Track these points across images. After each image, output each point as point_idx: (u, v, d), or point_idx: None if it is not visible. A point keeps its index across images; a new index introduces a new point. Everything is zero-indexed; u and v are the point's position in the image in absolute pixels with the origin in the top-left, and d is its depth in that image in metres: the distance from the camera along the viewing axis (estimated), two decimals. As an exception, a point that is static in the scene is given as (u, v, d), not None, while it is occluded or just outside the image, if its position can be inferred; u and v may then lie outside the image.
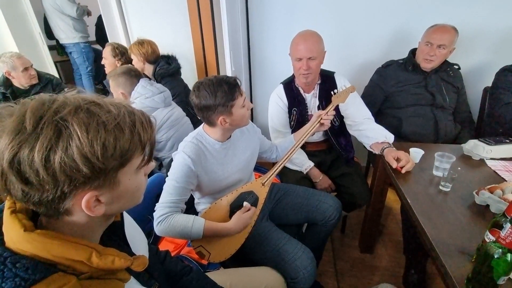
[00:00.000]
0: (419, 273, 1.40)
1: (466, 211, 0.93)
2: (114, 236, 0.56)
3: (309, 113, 1.48)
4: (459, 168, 1.14)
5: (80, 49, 3.16)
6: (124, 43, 2.49)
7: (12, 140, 0.36)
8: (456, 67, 1.66)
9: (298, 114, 1.47)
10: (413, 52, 1.66)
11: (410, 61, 1.63)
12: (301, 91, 1.46)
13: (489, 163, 1.19)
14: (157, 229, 0.93)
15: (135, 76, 1.47)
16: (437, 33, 1.49)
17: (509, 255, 0.58)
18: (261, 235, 1.08)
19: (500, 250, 0.58)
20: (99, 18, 3.32)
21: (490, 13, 1.71)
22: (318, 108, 1.45)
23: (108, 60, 1.97)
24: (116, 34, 2.48)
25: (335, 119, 1.47)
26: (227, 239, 1.01)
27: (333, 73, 1.46)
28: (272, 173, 1.12)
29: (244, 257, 1.07)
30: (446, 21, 1.53)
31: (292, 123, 1.50)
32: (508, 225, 0.57)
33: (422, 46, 1.56)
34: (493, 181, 1.05)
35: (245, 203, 1.03)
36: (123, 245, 0.57)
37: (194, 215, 0.97)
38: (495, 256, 0.59)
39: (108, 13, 2.43)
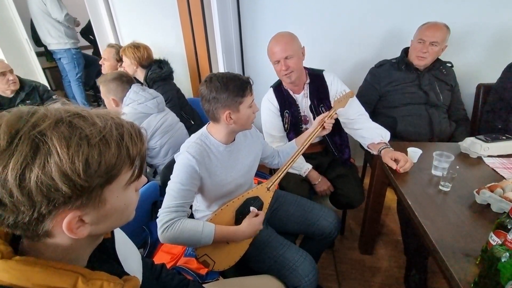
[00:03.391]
0: (420, 273, 1.39)
1: (467, 211, 0.92)
2: (104, 255, 0.52)
3: (302, 113, 1.46)
4: (457, 167, 1.13)
5: (71, 55, 3.09)
6: (114, 48, 2.45)
7: None
8: (449, 65, 1.67)
9: (290, 116, 1.45)
10: (405, 51, 1.66)
11: (403, 60, 1.63)
12: (291, 93, 1.44)
13: (487, 160, 1.19)
14: (163, 236, 0.88)
15: (126, 82, 1.43)
16: (430, 30, 1.50)
17: (516, 258, 0.56)
18: (262, 242, 1.05)
19: (508, 253, 0.57)
20: (89, 23, 3.26)
21: (480, 10, 1.73)
22: (311, 108, 1.43)
23: (110, 62, 1.92)
24: (105, 39, 2.43)
25: None
26: (232, 247, 0.98)
27: (322, 71, 1.45)
28: (277, 178, 1.10)
29: (244, 266, 1.04)
30: (438, 19, 1.53)
31: (285, 125, 1.47)
32: (515, 227, 0.56)
33: (414, 43, 1.56)
34: (492, 179, 1.04)
35: (252, 208, 1.01)
36: (115, 264, 0.54)
37: (203, 220, 0.93)
38: (502, 260, 0.57)
39: (97, 18, 2.39)
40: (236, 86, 0.91)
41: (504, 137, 1.23)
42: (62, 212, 0.37)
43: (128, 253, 0.58)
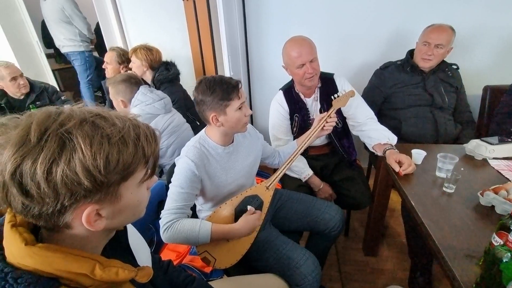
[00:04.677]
0: (425, 275, 1.38)
1: (471, 212, 0.92)
2: (117, 247, 0.55)
3: (311, 117, 1.47)
4: (462, 169, 1.13)
5: (84, 57, 3.16)
6: (122, 50, 2.49)
7: (15, 152, 0.36)
8: (455, 67, 1.66)
9: (300, 120, 1.46)
10: (410, 53, 1.66)
11: (408, 62, 1.63)
12: (302, 96, 1.45)
13: (492, 163, 1.19)
14: (164, 236, 0.92)
15: (135, 83, 1.46)
16: (435, 33, 1.50)
17: (518, 258, 0.57)
18: (265, 241, 1.07)
19: (509, 253, 0.57)
20: (98, 26, 3.32)
21: (486, 12, 1.72)
22: (320, 112, 1.43)
23: (112, 66, 1.96)
24: (113, 41, 2.48)
25: (338, 121, 1.47)
26: (233, 244, 0.99)
27: (332, 74, 1.46)
28: (276, 177, 1.11)
29: (248, 264, 1.06)
30: (443, 21, 1.53)
31: (294, 129, 1.48)
32: (516, 228, 0.56)
33: (419, 46, 1.56)
34: (497, 181, 1.04)
35: (249, 207, 1.02)
36: (127, 255, 0.56)
37: (200, 219, 0.96)
38: (504, 260, 0.58)
39: (106, 20, 2.44)
40: (222, 90, 0.94)
41: (509, 140, 1.23)
42: (82, 205, 0.40)
43: (139, 247, 0.61)
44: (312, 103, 1.46)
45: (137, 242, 0.60)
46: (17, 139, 0.36)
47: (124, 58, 1.96)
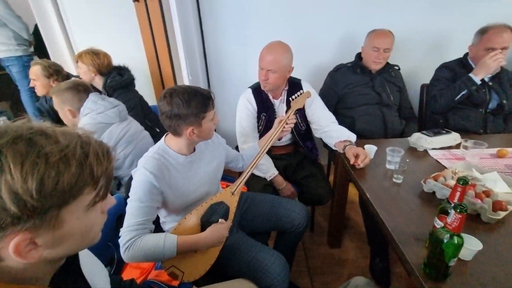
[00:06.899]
0: (383, 261, 1.50)
1: (417, 199, 1.03)
2: (68, 274, 0.50)
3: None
4: (407, 160, 1.25)
5: (22, 63, 2.79)
6: (66, 54, 2.30)
7: None
8: (397, 67, 1.84)
9: (266, 119, 1.50)
10: (359, 55, 1.79)
11: (357, 64, 1.76)
12: (270, 97, 1.50)
13: (432, 153, 1.33)
14: (125, 256, 0.86)
15: (83, 90, 1.35)
16: (381, 38, 1.63)
17: (455, 238, 0.64)
18: (233, 246, 1.06)
19: (448, 234, 0.65)
20: (36, 27, 2.99)
21: (419, 17, 1.94)
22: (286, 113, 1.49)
23: (40, 82, 1.75)
24: (56, 45, 2.27)
25: (301, 124, 1.54)
26: (200, 256, 0.97)
27: (299, 80, 1.53)
28: (241, 181, 1.11)
29: (217, 272, 1.04)
30: (383, 25, 1.69)
31: (260, 127, 1.52)
32: (452, 211, 0.64)
33: (369, 51, 1.68)
34: (437, 169, 1.17)
35: (220, 220, 1.01)
36: (81, 282, 0.51)
37: (165, 232, 0.91)
38: (445, 241, 0.65)
39: (45, 22, 2.21)
40: (199, 103, 0.91)
41: (444, 131, 1.39)
42: (10, 234, 0.35)
43: (94, 270, 0.56)
44: (279, 105, 1.52)
45: (91, 266, 0.55)
46: None
47: (51, 70, 1.76)
